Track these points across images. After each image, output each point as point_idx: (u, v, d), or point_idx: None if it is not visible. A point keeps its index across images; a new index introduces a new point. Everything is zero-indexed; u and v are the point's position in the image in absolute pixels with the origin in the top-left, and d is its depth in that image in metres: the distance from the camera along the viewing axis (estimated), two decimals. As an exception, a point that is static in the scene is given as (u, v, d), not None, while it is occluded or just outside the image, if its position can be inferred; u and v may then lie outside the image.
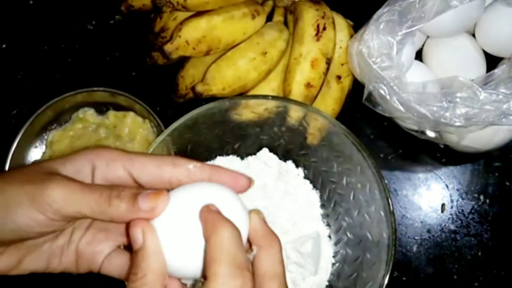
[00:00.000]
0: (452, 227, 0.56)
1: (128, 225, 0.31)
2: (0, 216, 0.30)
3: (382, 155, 0.58)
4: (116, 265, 0.35)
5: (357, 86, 0.54)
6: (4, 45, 0.63)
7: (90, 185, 0.31)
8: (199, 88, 0.50)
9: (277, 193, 0.51)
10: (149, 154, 0.35)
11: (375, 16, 0.44)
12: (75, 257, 0.35)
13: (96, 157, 0.33)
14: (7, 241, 0.32)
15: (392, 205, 0.44)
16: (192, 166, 0.33)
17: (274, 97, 0.49)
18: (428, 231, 0.56)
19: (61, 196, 0.30)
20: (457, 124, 0.44)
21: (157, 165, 0.33)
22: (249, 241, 0.32)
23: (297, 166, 0.54)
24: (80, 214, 0.30)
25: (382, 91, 0.43)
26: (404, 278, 0.55)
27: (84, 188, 0.31)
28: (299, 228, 0.51)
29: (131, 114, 0.58)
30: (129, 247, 0.35)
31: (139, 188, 0.32)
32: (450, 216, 0.57)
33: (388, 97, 0.43)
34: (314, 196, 0.53)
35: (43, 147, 0.58)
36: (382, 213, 0.46)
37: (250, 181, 0.34)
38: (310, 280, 0.50)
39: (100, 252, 0.35)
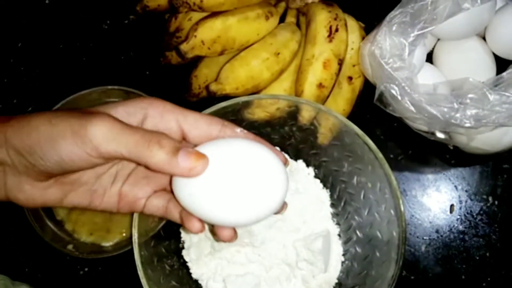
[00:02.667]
0: (461, 227, 0.57)
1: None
2: (47, 147, 0.31)
3: (391, 156, 0.58)
4: (157, 207, 0.37)
5: (368, 88, 0.55)
6: (20, 44, 0.64)
7: (133, 126, 0.32)
8: (213, 87, 0.51)
9: (287, 191, 0.52)
10: (200, 113, 0.36)
11: (387, 18, 0.45)
12: (118, 198, 0.37)
13: (150, 106, 0.34)
14: (54, 173, 0.33)
15: (403, 204, 0.45)
16: (239, 130, 0.36)
17: (286, 97, 0.50)
18: (437, 231, 0.57)
19: (101, 133, 0.31)
20: (467, 125, 0.44)
21: (208, 123, 0.35)
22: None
23: (307, 165, 0.55)
24: (118, 153, 0.31)
25: (393, 91, 0.44)
26: (412, 277, 0.56)
27: (126, 128, 0.31)
28: (309, 226, 0.51)
29: (144, 112, 0.59)
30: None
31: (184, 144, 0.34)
32: (458, 217, 0.57)
33: (399, 97, 0.44)
34: (324, 195, 0.54)
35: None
36: (392, 212, 0.46)
37: (286, 161, 0.37)
38: (320, 278, 0.50)
39: (142, 196, 0.37)
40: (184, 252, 0.51)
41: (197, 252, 0.50)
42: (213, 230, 0.41)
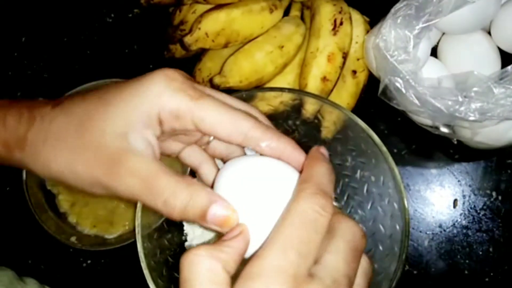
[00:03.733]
0: (464, 222, 0.57)
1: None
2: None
3: (395, 150, 0.58)
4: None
5: (371, 82, 0.55)
6: (24, 37, 0.64)
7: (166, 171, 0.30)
8: (217, 80, 0.51)
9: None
10: (223, 104, 0.32)
11: (392, 10, 0.45)
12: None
13: (163, 111, 0.31)
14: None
15: (407, 197, 0.45)
16: (265, 144, 0.32)
17: (290, 90, 0.50)
18: (440, 226, 0.57)
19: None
20: (472, 118, 0.44)
21: (233, 122, 0.32)
22: None
23: (311, 159, 0.55)
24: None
25: (398, 84, 0.44)
26: (415, 272, 0.56)
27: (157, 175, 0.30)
28: None
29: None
30: None
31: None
32: (462, 211, 0.57)
33: (403, 90, 0.44)
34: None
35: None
36: (396, 206, 0.46)
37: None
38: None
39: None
40: (186, 245, 0.51)
41: (200, 244, 0.50)
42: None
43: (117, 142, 0.29)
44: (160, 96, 0.30)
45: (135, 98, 0.30)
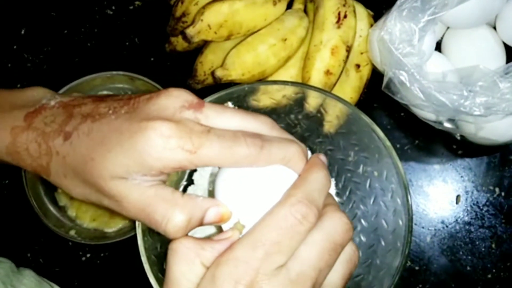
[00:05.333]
0: (467, 218, 0.56)
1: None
2: None
3: (398, 146, 0.58)
4: None
5: (375, 77, 0.54)
6: (24, 29, 0.64)
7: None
8: (219, 72, 0.50)
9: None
10: (228, 118, 0.33)
11: (398, 3, 0.44)
12: None
13: (164, 169, 0.32)
14: None
15: (410, 193, 0.44)
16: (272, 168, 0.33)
17: (293, 83, 0.49)
18: (442, 222, 0.56)
19: None
20: (476, 113, 0.44)
21: (234, 140, 0.32)
22: None
23: (313, 153, 0.54)
24: None
25: (402, 78, 0.44)
26: (417, 268, 0.55)
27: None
28: None
29: (149, 98, 0.58)
30: None
31: None
32: (464, 207, 0.57)
33: (408, 84, 0.43)
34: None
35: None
36: (399, 202, 0.46)
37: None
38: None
39: None
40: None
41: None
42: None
43: (115, 186, 0.31)
44: (160, 160, 0.30)
45: (135, 154, 0.30)
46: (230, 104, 0.43)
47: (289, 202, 0.30)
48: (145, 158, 0.30)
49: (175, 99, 0.32)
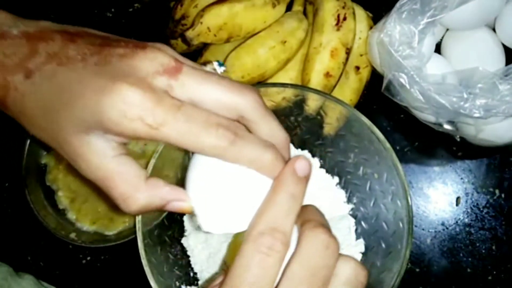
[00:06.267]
0: (467, 220, 0.56)
1: None
2: None
3: (398, 148, 0.58)
4: None
5: (374, 78, 0.54)
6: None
7: None
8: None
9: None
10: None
11: (397, 5, 0.44)
12: None
13: (122, 136, 0.30)
14: None
15: (410, 195, 0.44)
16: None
17: (293, 85, 0.49)
18: (443, 224, 0.56)
19: None
20: (476, 115, 0.44)
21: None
22: None
23: (313, 156, 0.54)
24: None
25: (402, 80, 0.44)
26: (417, 270, 0.55)
27: None
28: (327, 210, 0.51)
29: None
30: None
31: None
32: (465, 209, 0.57)
33: (408, 86, 0.43)
34: (332, 181, 0.53)
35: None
36: (399, 203, 0.46)
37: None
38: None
39: None
40: (183, 240, 0.51)
41: (194, 240, 0.50)
42: None
43: (76, 141, 0.29)
44: (119, 125, 0.28)
45: (96, 112, 0.28)
46: (216, 64, 0.40)
47: (251, 237, 0.28)
48: (105, 119, 0.28)
49: (150, 63, 0.29)
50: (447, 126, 0.51)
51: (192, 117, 0.28)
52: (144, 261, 0.42)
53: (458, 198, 0.57)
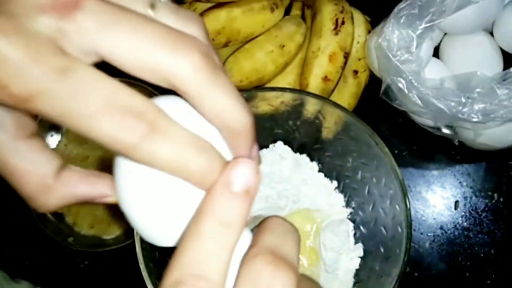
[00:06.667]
0: (465, 224, 0.56)
1: None
2: None
3: (396, 152, 0.58)
4: None
5: (373, 82, 0.54)
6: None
7: None
8: (217, 79, 0.50)
9: (295, 181, 0.51)
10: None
11: (395, 10, 0.45)
12: None
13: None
14: None
15: (408, 199, 0.44)
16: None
17: (291, 90, 0.49)
18: (441, 228, 0.56)
19: None
20: (475, 119, 0.44)
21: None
22: None
23: (311, 160, 0.54)
24: None
25: (400, 85, 0.44)
26: (416, 274, 0.55)
27: None
28: (326, 214, 0.51)
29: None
30: None
31: None
32: (463, 213, 0.57)
33: (406, 90, 0.44)
34: (330, 185, 0.53)
35: (59, 135, 0.58)
36: (397, 208, 0.46)
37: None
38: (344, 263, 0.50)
39: None
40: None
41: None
42: None
43: None
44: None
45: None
46: None
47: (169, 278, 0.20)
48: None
49: None
50: (445, 130, 0.51)
51: (84, 89, 0.18)
52: (142, 266, 0.42)
53: (456, 202, 0.57)
